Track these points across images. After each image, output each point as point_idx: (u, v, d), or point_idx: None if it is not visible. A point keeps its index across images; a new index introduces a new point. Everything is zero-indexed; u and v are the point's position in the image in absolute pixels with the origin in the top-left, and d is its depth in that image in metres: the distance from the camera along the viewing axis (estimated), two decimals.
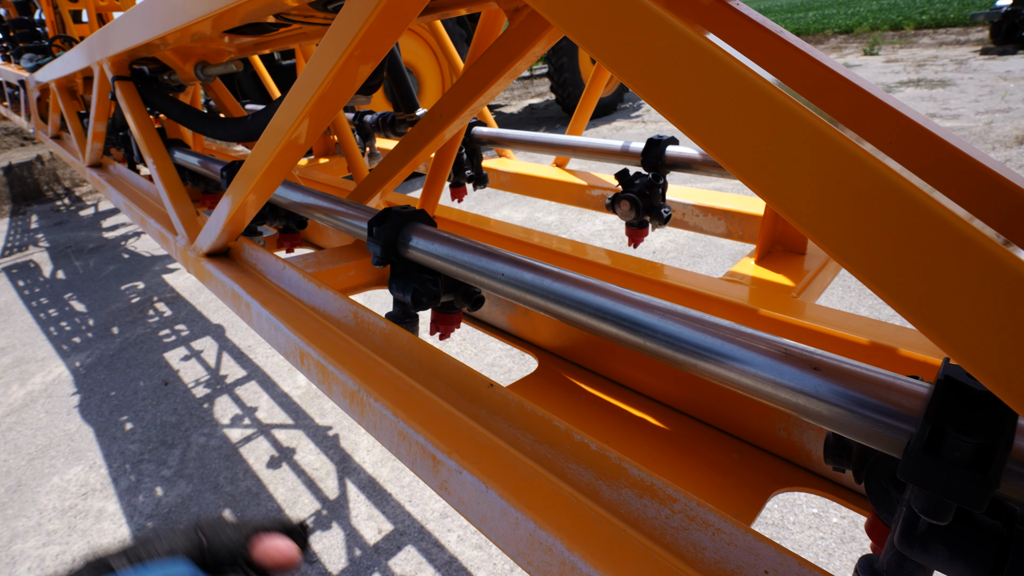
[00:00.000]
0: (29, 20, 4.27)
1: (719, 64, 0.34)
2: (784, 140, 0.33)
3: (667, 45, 0.34)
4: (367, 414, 0.65)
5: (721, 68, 0.34)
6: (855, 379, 0.39)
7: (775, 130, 0.33)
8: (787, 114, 0.33)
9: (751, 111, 0.34)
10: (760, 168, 0.34)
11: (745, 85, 0.34)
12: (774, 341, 0.42)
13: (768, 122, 0.33)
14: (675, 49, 0.35)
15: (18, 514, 2.25)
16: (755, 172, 0.34)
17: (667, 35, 0.34)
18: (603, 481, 0.47)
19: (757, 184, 0.34)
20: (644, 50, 0.36)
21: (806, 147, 0.33)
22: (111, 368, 3.23)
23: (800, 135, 0.33)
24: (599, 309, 0.52)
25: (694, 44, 0.35)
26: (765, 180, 0.34)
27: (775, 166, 0.34)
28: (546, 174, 1.66)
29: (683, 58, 0.35)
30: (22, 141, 10.31)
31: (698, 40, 0.35)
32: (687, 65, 0.35)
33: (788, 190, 0.34)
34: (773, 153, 0.33)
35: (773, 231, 1.02)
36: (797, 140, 0.33)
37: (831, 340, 0.75)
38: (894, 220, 0.30)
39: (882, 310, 3.07)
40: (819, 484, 0.61)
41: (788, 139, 0.33)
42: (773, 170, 0.34)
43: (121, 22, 1.31)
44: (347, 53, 0.65)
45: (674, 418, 0.74)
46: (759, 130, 0.34)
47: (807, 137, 0.33)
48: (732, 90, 0.34)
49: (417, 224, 0.78)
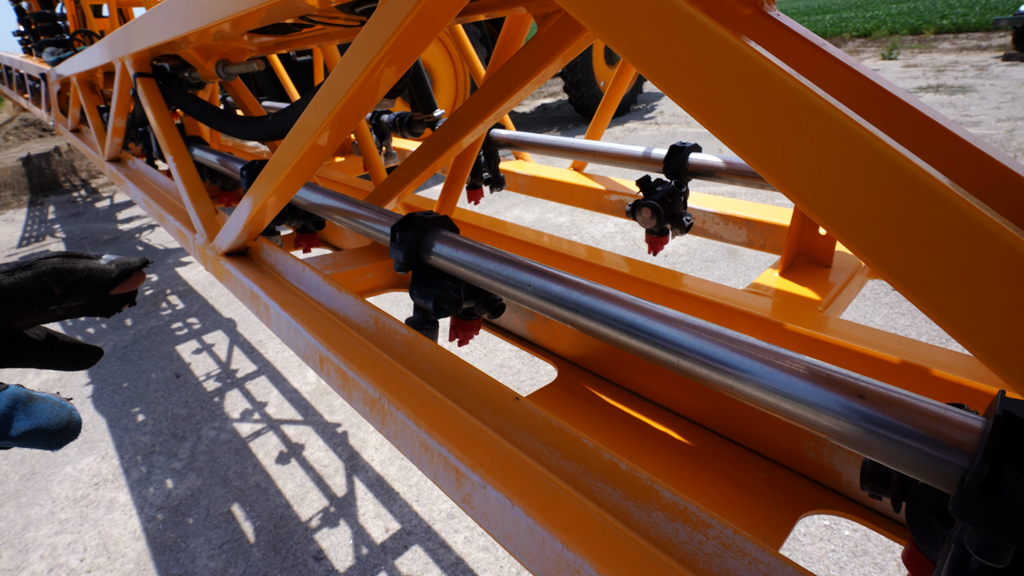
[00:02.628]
0: (51, 14, 4.32)
1: (765, 73, 0.33)
2: (832, 151, 0.32)
3: (720, 62, 0.33)
4: (388, 423, 0.64)
5: (766, 76, 0.33)
6: (903, 408, 0.37)
7: (829, 144, 0.32)
8: (842, 128, 0.32)
9: (801, 121, 0.33)
10: (813, 184, 0.33)
11: (791, 94, 0.33)
12: (816, 366, 0.41)
13: (823, 136, 0.32)
14: (725, 63, 0.34)
15: (31, 502, 2.28)
16: (804, 187, 0.33)
17: (720, 51, 0.33)
18: (633, 502, 0.47)
19: (802, 197, 0.33)
20: (692, 62, 0.35)
21: (860, 161, 0.31)
22: (124, 360, 3.26)
23: (851, 147, 0.32)
24: (630, 325, 0.51)
25: (742, 55, 0.34)
26: (814, 195, 0.33)
27: (831, 183, 0.32)
28: (563, 178, 1.65)
29: (732, 69, 0.34)
30: (41, 132, 10.45)
31: (746, 50, 0.34)
32: (736, 77, 0.34)
33: (839, 205, 0.33)
34: (828, 170, 0.32)
35: (799, 242, 1.00)
36: (847, 152, 0.32)
37: (860, 358, 0.74)
38: (952, 237, 0.29)
39: (897, 320, 3.02)
40: (849, 507, 0.60)
41: (836, 150, 0.32)
42: (829, 188, 0.33)
43: (145, 20, 1.31)
44: (378, 58, 0.65)
45: (696, 433, 0.73)
46: (813, 143, 0.33)
47: (858, 149, 0.31)
48: (777, 98, 0.33)
49: (440, 230, 0.77)
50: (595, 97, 8.00)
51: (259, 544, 2.02)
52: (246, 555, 1.98)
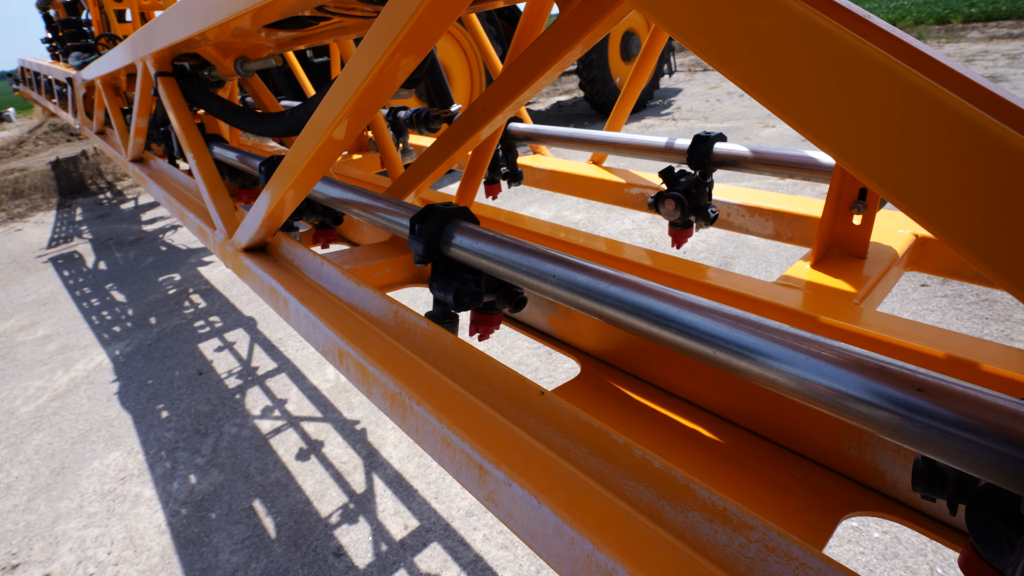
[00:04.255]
0: (77, 20, 4.42)
1: (821, 31, 0.30)
2: (904, 114, 0.29)
3: (771, 23, 0.30)
4: (409, 418, 0.63)
5: (823, 35, 0.30)
6: (967, 402, 0.34)
7: (900, 105, 0.29)
8: (913, 88, 0.29)
9: (866, 83, 0.30)
10: (878, 150, 0.30)
11: (851, 52, 0.30)
12: (867, 357, 0.38)
13: (891, 98, 0.29)
14: (776, 23, 0.31)
15: (61, 495, 2.33)
16: (866, 154, 0.31)
17: (770, 10, 0.30)
18: (667, 502, 0.44)
19: (862, 166, 0.30)
20: (740, 24, 0.33)
21: (932, 121, 0.28)
22: (149, 357, 3.32)
23: (923, 107, 0.29)
24: (662, 316, 0.48)
25: (794, 14, 0.31)
26: (877, 162, 0.30)
27: (901, 147, 0.30)
28: (583, 171, 1.62)
29: (785, 30, 0.31)
30: (68, 137, 10.74)
31: (798, 8, 0.31)
32: (789, 38, 0.31)
33: (907, 170, 0.30)
34: (899, 134, 0.29)
35: (831, 232, 0.96)
36: (922, 115, 0.29)
37: (902, 352, 0.70)
38: None
39: (926, 317, 2.92)
40: (895, 509, 0.56)
41: (908, 112, 0.29)
42: (898, 152, 0.30)
43: (164, 19, 1.32)
44: (393, 46, 0.63)
45: (728, 430, 0.70)
46: (881, 106, 0.30)
47: (932, 110, 0.29)
48: (837, 58, 0.30)
49: (460, 222, 0.75)
50: (611, 93, 7.93)
51: (280, 540, 2.03)
52: (267, 550, 1.99)
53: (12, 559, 2.04)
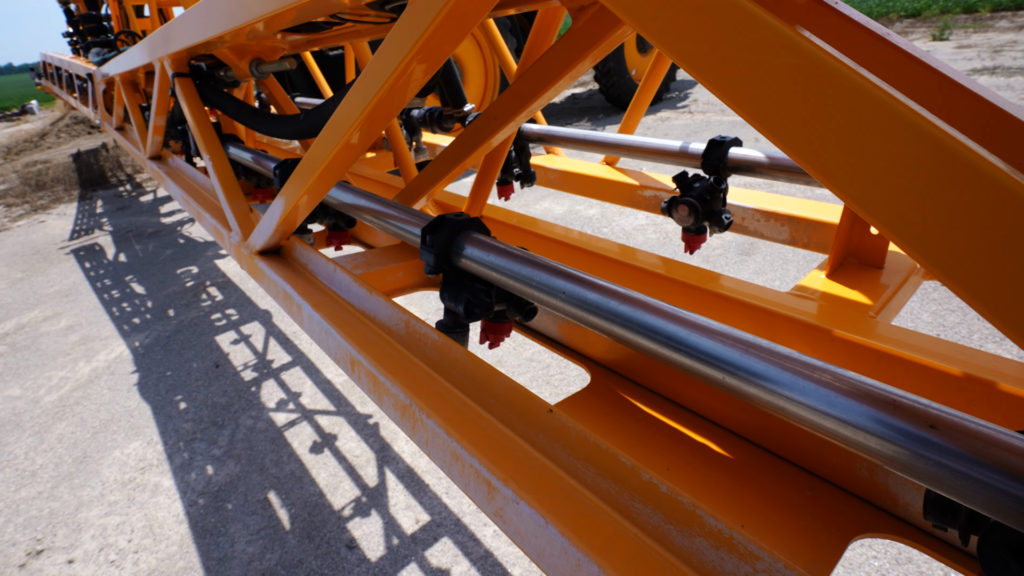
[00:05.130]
0: (96, 15, 4.48)
1: (825, 68, 0.30)
2: (897, 151, 0.29)
3: (774, 59, 0.29)
4: (419, 430, 0.64)
5: (825, 72, 0.30)
6: (980, 441, 0.34)
7: (895, 144, 0.29)
8: (908, 125, 0.28)
9: (866, 121, 0.29)
10: (874, 187, 0.30)
11: (854, 90, 0.29)
12: (880, 390, 0.38)
13: (888, 135, 0.29)
14: (779, 60, 0.31)
15: (83, 484, 2.40)
16: (863, 190, 0.30)
17: (774, 46, 0.30)
18: (674, 526, 0.44)
19: (861, 202, 0.30)
20: (743, 58, 0.32)
21: (926, 159, 0.28)
22: (167, 349, 3.39)
23: (918, 145, 0.28)
24: (672, 338, 0.48)
25: (798, 49, 0.31)
26: (874, 199, 0.30)
27: (893, 185, 0.29)
28: (596, 172, 1.61)
29: (787, 66, 0.31)
30: (89, 130, 10.92)
31: (803, 44, 0.31)
32: (791, 73, 0.31)
33: (902, 207, 0.29)
34: (891, 170, 0.29)
35: (848, 242, 0.95)
36: (914, 150, 0.28)
37: (917, 369, 0.69)
38: None
39: (946, 317, 2.87)
40: (906, 532, 0.56)
41: (902, 150, 0.29)
42: (891, 190, 0.29)
43: (181, 21, 1.33)
44: (409, 56, 0.63)
45: (738, 446, 0.70)
46: (878, 144, 0.29)
47: (925, 147, 0.28)
48: (837, 95, 0.30)
49: (471, 233, 0.76)
50: (626, 87, 7.83)
51: (294, 531, 2.08)
52: (282, 541, 2.03)
53: (37, 544, 2.12)
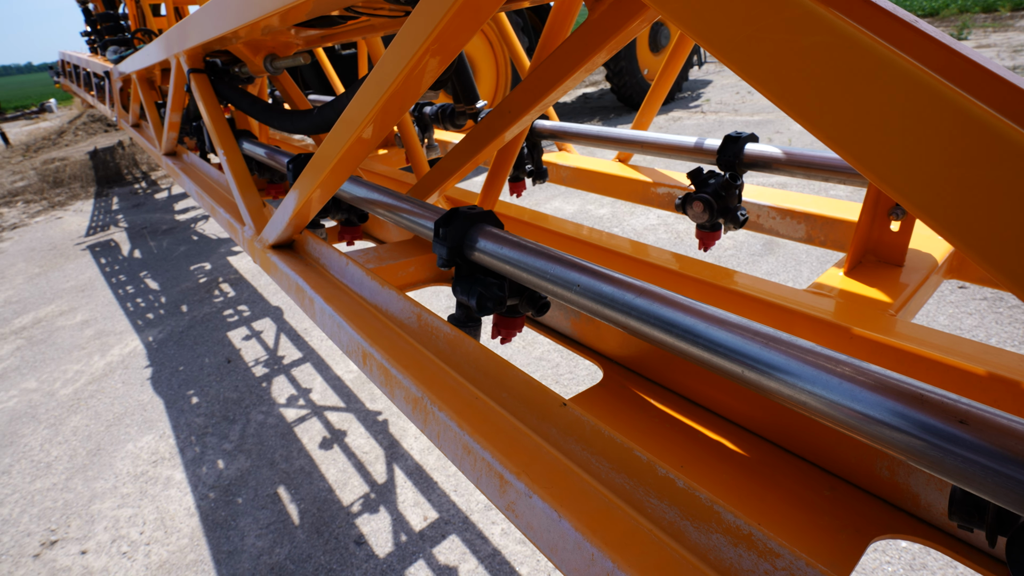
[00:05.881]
0: (114, 14, 4.54)
1: (870, 53, 0.29)
2: (954, 141, 0.28)
3: (814, 41, 0.29)
4: (430, 423, 0.63)
5: (872, 56, 0.29)
6: (1013, 437, 0.33)
7: (951, 134, 0.28)
8: (966, 114, 0.27)
9: (920, 110, 0.28)
10: (931, 183, 0.29)
11: (903, 77, 0.29)
12: (906, 384, 0.37)
13: (944, 127, 0.28)
14: (820, 42, 0.30)
15: (97, 476, 2.43)
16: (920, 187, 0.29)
17: (813, 28, 0.29)
18: (690, 522, 0.43)
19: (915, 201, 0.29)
20: (780, 41, 0.31)
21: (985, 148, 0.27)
22: (180, 344, 3.43)
23: (977, 134, 0.27)
24: (689, 331, 0.47)
25: (840, 32, 0.30)
26: (930, 195, 0.29)
27: (949, 177, 0.28)
28: (608, 170, 1.60)
29: (829, 49, 0.30)
30: (106, 128, 11.08)
31: (844, 27, 0.30)
32: (835, 57, 0.30)
33: (956, 202, 0.28)
34: (949, 163, 0.28)
35: (867, 239, 0.93)
36: (975, 141, 0.27)
37: (939, 368, 0.67)
38: None
39: (963, 320, 2.81)
40: (928, 534, 0.55)
41: (961, 140, 0.28)
42: (946, 183, 0.28)
43: (197, 17, 1.34)
44: (422, 49, 0.63)
45: (754, 444, 0.69)
46: (935, 134, 0.28)
47: (983, 135, 0.27)
48: (886, 81, 0.29)
49: (484, 226, 0.75)
50: (638, 86, 7.79)
51: (303, 526, 2.09)
52: (291, 536, 2.04)
53: (51, 535, 2.15)
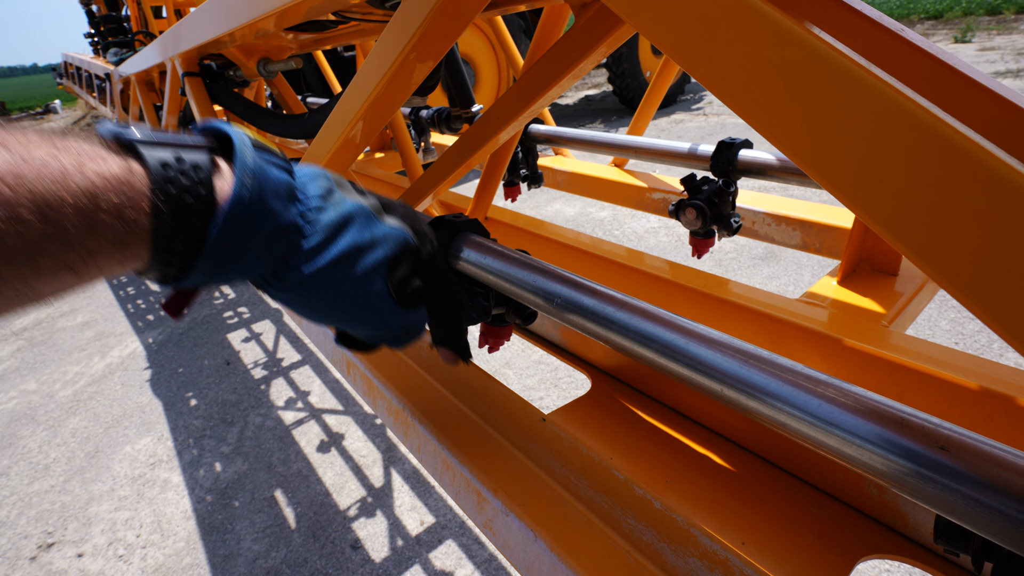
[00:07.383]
0: (116, 16, 4.56)
1: (837, 69, 0.28)
2: (921, 162, 0.27)
3: (781, 57, 0.28)
4: (411, 435, 0.62)
5: (838, 73, 0.28)
6: (995, 464, 0.32)
7: (917, 155, 0.27)
8: (931, 132, 0.26)
9: (885, 127, 0.27)
10: (891, 203, 0.28)
11: (869, 93, 0.27)
12: (888, 407, 0.36)
13: (909, 145, 0.27)
14: (787, 57, 0.29)
15: (95, 478, 2.43)
16: (879, 205, 0.28)
17: (781, 43, 0.28)
18: (667, 545, 0.42)
19: (878, 219, 0.28)
20: (747, 56, 0.30)
21: (952, 169, 0.26)
22: (180, 346, 3.43)
23: (943, 154, 0.26)
24: (668, 346, 0.46)
25: (808, 47, 0.29)
26: (891, 216, 0.28)
27: (915, 201, 0.27)
28: (604, 174, 1.59)
29: (796, 65, 0.29)
30: None
31: (813, 41, 0.29)
32: (801, 74, 0.29)
33: (923, 224, 0.27)
34: (913, 184, 0.27)
35: (861, 247, 0.92)
36: (938, 160, 0.26)
37: (931, 381, 0.66)
38: None
39: (966, 325, 2.79)
40: (916, 554, 0.53)
41: (926, 160, 0.27)
42: (910, 205, 0.27)
43: (190, 20, 1.34)
44: (404, 53, 0.62)
45: (741, 458, 0.68)
46: (900, 154, 0.27)
47: (949, 155, 0.26)
48: (852, 97, 0.28)
49: (469, 234, 0.74)
50: (640, 88, 7.78)
51: (300, 530, 2.08)
52: (287, 540, 2.04)
53: (48, 538, 2.15)
